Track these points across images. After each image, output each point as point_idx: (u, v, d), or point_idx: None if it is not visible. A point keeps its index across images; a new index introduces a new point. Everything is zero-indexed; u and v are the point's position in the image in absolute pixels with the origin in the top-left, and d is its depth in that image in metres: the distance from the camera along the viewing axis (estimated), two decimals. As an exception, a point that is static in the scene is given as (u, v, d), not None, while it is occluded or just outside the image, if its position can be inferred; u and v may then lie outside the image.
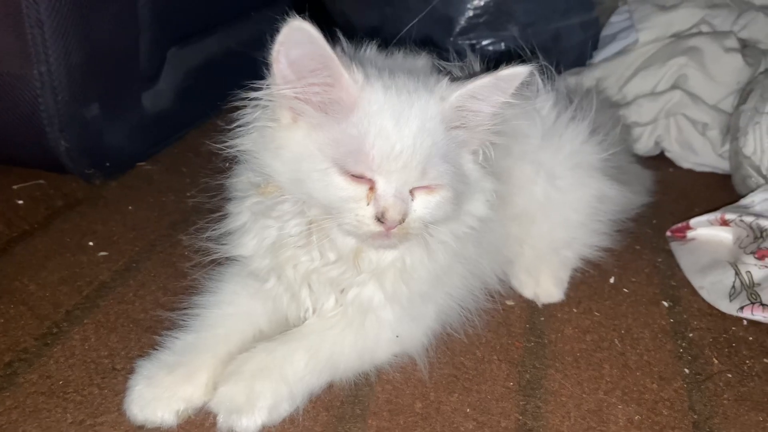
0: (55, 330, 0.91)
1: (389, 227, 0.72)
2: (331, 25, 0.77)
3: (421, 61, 0.88)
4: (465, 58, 0.96)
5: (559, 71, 1.09)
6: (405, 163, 0.71)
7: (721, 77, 1.50)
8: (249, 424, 0.74)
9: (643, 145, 1.54)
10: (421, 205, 0.75)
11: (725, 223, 1.12)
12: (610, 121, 1.17)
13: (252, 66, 0.75)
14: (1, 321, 0.91)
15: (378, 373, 0.85)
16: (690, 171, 1.53)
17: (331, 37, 0.75)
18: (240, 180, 0.84)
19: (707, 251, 1.13)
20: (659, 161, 1.53)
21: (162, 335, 0.82)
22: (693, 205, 1.31)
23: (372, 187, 0.72)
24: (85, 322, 0.93)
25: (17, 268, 1.04)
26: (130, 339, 0.89)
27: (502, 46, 1.61)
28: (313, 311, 0.83)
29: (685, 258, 1.13)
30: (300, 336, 0.81)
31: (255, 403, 0.74)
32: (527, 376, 0.87)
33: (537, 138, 0.99)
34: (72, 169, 1.27)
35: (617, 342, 0.94)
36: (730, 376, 0.89)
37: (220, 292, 0.87)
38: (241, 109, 0.78)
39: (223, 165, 0.85)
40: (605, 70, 1.60)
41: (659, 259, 1.16)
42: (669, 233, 1.21)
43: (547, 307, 1.02)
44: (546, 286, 1.03)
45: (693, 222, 1.16)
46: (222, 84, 0.87)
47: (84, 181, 1.31)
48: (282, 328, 0.85)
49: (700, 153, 1.50)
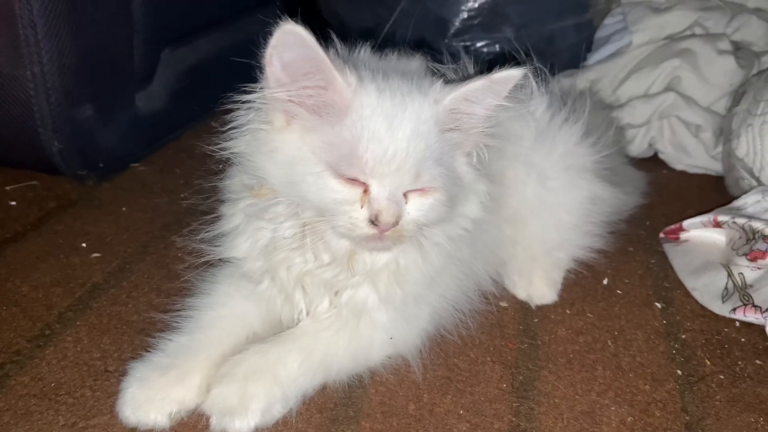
0: (47, 332, 0.90)
1: (383, 230, 0.72)
2: (325, 27, 0.77)
3: (415, 63, 0.88)
4: (459, 60, 0.97)
5: (553, 73, 1.09)
6: (398, 167, 0.71)
7: (714, 79, 1.50)
8: (242, 426, 0.73)
9: (637, 146, 1.54)
10: (415, 208, 0.75)
11: (718, 224, 1.13)
12: (604, 122, 1.17)
13: (246, 67, 0.75)
14: (-7, 323, 0.91)
15: (371, 374, 0.85)
16: (683, 173, 1.53)
17: (324, 39, 0.75)
18: (233, 182, 0.83)
19: (700, 253, 1.13)
20: (653, 163, 1.53)
21: (155, 337, 0.82)
22: (686, 207, 1.31)
23: (366, 190, 0.72)
24: (77, 323, 0.92)
25: (9, 270, 1.03)
26: (122, 341, 0.89)
27: (496, 48, 1.62)
28: (307, 313, 0.83)
29: (678, 259, 1.14)
30: (293, 338, 0.81)
31: (248, 405, 0.74)
32: (520, 377, 0.87)
33: (530, 140, 0.99)
34: (65, 170, 1.27)
35: (610, 343, 0.95)
36: (722, 377, 0.89)
37: (214, 294, 0.86)
38: (235, 112, 0.78)
39: (217, 167, 0.84)
40: (599, 72, 1.61)
41: (652, 261, 1.16)
42: (662, 235, 1.21)
43: (541, 308, 1.02)
44: (539, 287, 1.03)
45: (686, 224, 1.16)
46: (216, 85, 0.87)
47: (77, 183, 1.31)
48: (275, 330, 0.85)
49: (694, 155, 1.51)
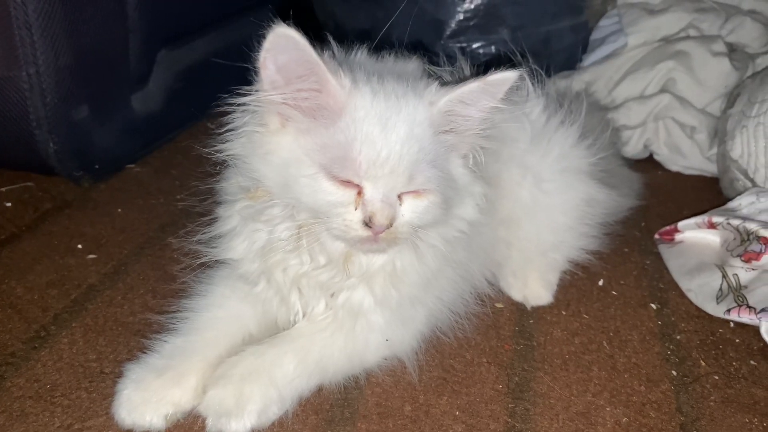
0: (43, 333, 0.90)
1: (377, 232, 0.72)
2: (322, 29, 0.77)
3: (412, 64, 0.88)
4: (456, 62, 0.97)
5: (548, 75, 1.09)
6: (392, 169, 0.71)
7: (708, 81, 1.51)
8: (238, 427, 0.74)
9: (632, 148, 1.55)
10: (409, 210, 0.75)
11: (713, 226, 1.13)
12: (600, 124, 1.18)
13: (242, 69, 0.75)
14: (-11, 324, 0.91)
15: (367, 376, 0.85)
16: (678, 174, 1.54)
17: (320, 41, 0.75)
18: (230, 184, 0.83)
19: (695, 254, 1.13)
20: (648, 164, 1.54)
21: (151, 338, 0.82)
22: (681, 208, 1.32)
23: (360, 192, 0.72)
24: (73, 325, 0.92)
25: (5, 271, 1.03)
26: (118, 342, 0.89)
27: (492, 50, 1.62)
28: (303, 315, 0.83)
29: (673, 261, 1.14)
30: (290, 339, 0.81)
31: (244, 407, 0.74)
32: (516, 378, 0.88)
33: (525, 142, 0.99)
34: (60, 171, 1.27)
35: (606, 344, 0.95)
36: (717, 378, 0.89)
37: (210, 295, 0.87)
38: (231, 114, 0.78)
39: (213, 168, 0.84)
40: (595, 74, 1.61)
41: (647, 262, 1.16)
42: (657, 236, 1.22)
43: (536, 309, 1.02)
44: (534, 288, 1.03)
45: (681, 225, 1.17)
46: (212, 86, 0.87)
47: (73, 184, 1.31)
48: (272, 332, 0.85)
49: (689, 156, 1.51)
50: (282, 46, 0.68)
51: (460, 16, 1.60)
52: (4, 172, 1.32)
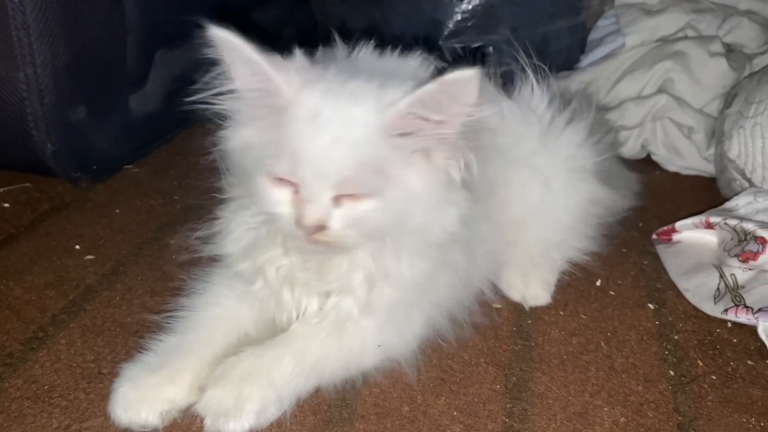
0: (40, 334, 0.90)
1: (308, 233, 0.72)
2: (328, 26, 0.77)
3: (413, 62, 0.85)
4: (463, 59, 0.96)
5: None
6: (321, 170, 0.70)
7: (706, 81, 1.51)
8: (236, 427, 0.73)
9: (630, 148, 1.55)
10: (344, 214, 0.72)
11: (710, 226, 1.13)
12: (604, 125, 1.17)
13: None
14: (-14, 325, 0.91)
15: (365, 376, 0.85)
16: (676, 174, 1.54)
17: (326, 38, 0.75)
18: (225, 182, 0.84)
19: (692, 254, 1.14)
20: (645, 164, 1.54)
21: (147, 339, 0.82)
22: (679, 208, 1.32)
23: (296, 191, 0.72)
24: (71, 326, 0.92)
25: (3, 272, 1.03)
26: (116, 343, 0.89)
27: (490, 50, 1.62)
28: (297, 315, 0.83)
29: (671, 261, 1.14)
30: (287, 341, 0.81)
31: (243, 407, 0.74)
32: (514, 378, 0.88)
33: (534, 141, 0.98)
34: (58, 172, 1.26)
35: (603, 344, 0.95)
36: (714, 378, 0.90)
37: (206, 294, 0.86)
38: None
39: (211, 167, 0.85)
40: (592, 74, 1.61)
41: (645, 262, 1.17)
42: (655, 236, 1.22)
43: (534, 309, 1.02)
44: (533, 288, 1.03)
45: (678, 225, 1.17)
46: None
47: (71, 184, 1.31)
48: (269, 332, 0.85)
49: (686, 156, 1.52)
50: (223, 47, 0.70)
51: (458, 17, 1.60)
52: (2, 172, 1.32)
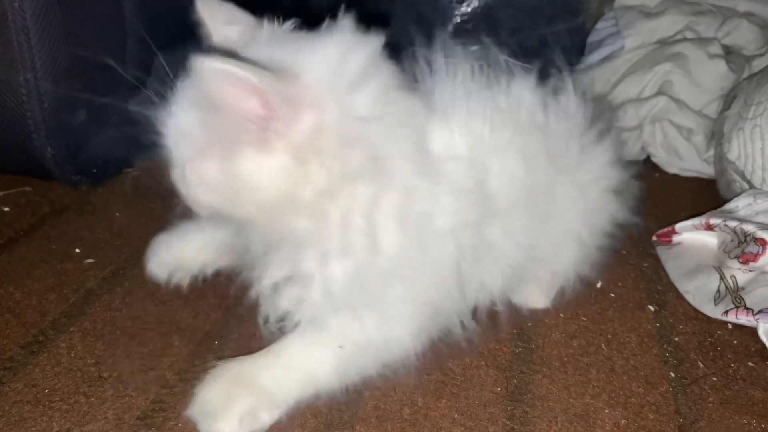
0: (41, 338, 0.90)
1: None
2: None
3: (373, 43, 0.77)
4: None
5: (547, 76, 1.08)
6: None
7: (705, 83, 1.51)
8: (224, 427, 0.73)
9: (629, 149, 1.55)
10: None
11: (710, 227, 1.13)
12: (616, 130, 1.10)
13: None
14: (-14, 329, 0.91)
15: (365, 379, 0.84)
16: (676, 176, 1.54)
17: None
18: None
19: (692, 256, 1.14)
20: (645, 166, 1.54)
21: (148, 342, 0.82)
22: (678, 210, 1.31)
23: None
24: (71, 329, 0.92)
25: (3, 276, 1.03)
26: (117, 346, 0.89)
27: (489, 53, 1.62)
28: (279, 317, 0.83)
29: (671, 262, 1.14)
30: (282, 344, 0.81)
31: (231, 408, 0.73)
32: (515, 381, 0.88)
33: (576, 153, 0.91)
34: (58, 175, 1.26)
35: (604, 346, 0.95)
36: (715, 379, 0.90)
37: None
38: None
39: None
40: (592, 76, 1.61)
41: (645, 264, 1.17)
42: (655, 238, 1.22)
43: (535, 312, 1.02)
44: (536, 293, 1.02)
45: (678, 227, 1.17)
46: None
47: (71, 188, 1.31)
48: None
49: (686, 158, 1.52)
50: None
51: (457, 20, 1.60)
52: (2, 176, 1.32)
